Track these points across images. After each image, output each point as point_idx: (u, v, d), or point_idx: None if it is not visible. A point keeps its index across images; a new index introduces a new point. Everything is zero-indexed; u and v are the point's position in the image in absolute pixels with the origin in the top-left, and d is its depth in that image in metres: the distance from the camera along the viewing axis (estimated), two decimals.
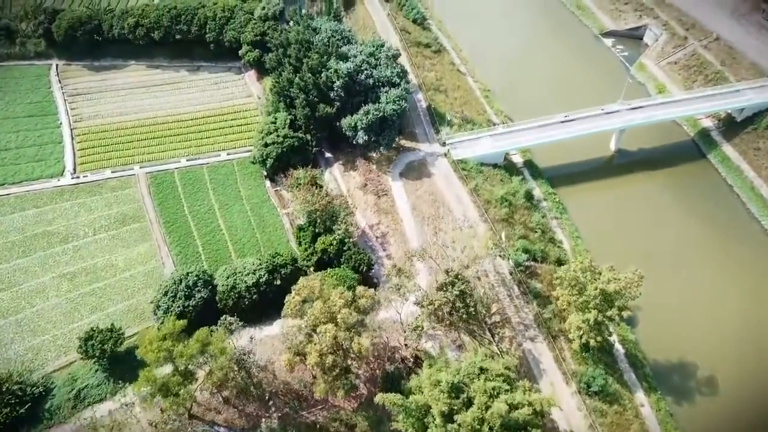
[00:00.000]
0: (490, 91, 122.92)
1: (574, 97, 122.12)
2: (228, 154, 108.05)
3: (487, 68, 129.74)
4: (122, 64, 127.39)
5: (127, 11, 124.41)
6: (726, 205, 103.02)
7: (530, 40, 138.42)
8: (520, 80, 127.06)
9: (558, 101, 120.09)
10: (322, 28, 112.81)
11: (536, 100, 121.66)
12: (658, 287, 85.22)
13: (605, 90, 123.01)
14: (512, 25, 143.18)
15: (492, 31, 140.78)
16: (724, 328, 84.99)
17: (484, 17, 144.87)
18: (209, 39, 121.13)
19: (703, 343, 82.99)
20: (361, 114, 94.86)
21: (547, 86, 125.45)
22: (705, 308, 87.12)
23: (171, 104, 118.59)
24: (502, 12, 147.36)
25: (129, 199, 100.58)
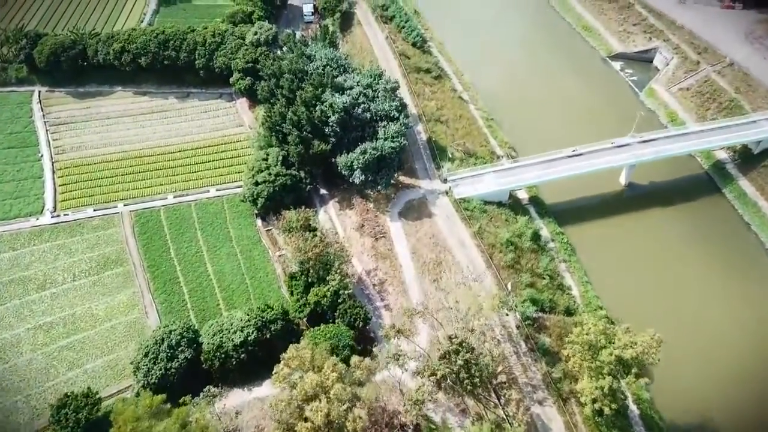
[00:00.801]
0: (493, 119, 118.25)
1: (581, 124, 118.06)
2: (217, 190, 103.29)
3: (489, 94, 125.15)
4: (108, 91, 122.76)
5: (113, 36, 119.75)
6: (743, 246, 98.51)
7: (535, 64, 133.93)
8: (524, 107, 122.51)
9: (564, 129, 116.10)
10: (316, 55, 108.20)
11: (542, 128, 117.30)
12: (673, 336, 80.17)
13: (614, 118, 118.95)
14: (516, 48, 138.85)
15: (495, 53, 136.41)
16: (746, 381, 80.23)
17: (486, 39, 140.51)
18: (199, 65, 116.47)
19: (724, 399, 78.23)
20: (358, 153, 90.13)
21: (554, 113, 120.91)
22: (725, 360, 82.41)
23: (158, 135, 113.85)
24: (506, 33, 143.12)
25: (112, 240, 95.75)
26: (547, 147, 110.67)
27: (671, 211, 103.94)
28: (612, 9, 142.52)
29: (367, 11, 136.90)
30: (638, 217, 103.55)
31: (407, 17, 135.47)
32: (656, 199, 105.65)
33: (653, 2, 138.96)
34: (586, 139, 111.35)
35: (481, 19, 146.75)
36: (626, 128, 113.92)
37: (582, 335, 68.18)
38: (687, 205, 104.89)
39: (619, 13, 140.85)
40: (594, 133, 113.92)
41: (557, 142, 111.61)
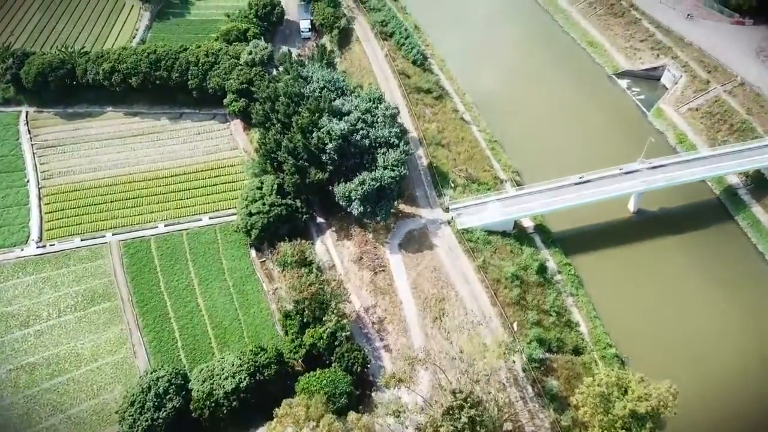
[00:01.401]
0: (496, 141, 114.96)
1: (587, 146, 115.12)
2: (210, 218, 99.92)
3: (492, 114, 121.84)
4: (98, 111, 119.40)
5: (103, 55, 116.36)
6: (757, 277, 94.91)
7: (539, 82, 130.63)
8: (528, 127, 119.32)
9: (570, 151, 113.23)
10: (313, 76, 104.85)
11: (546, 150, 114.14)
12: (686, 375, 77.43)
13: (621, 138, 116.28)
14: (520, 65, 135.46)
15: (497, 71, 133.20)
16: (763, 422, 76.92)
17: (488, 55, 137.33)
18: (192, 86, 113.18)
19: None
20: (356, 184, 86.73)
21: (559, 134, 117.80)
22: (743, 402, 79.02)
23: (149, 158, 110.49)
24: (508, 50, 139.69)
25: (99, 272, 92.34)
26: (552, 170, 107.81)
27: (682, 240, 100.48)
28: (618, 24, 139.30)
29: (366, 27, 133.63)
30: (648, 245, 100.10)
31: (407, 33, 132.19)
32: (666, 227, 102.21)
33: (661, 17, 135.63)
34: (593, 161, 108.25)
35: (483, 34, 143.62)
36: (634, 150, 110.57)
37: (594, 386, 64.70)
38: (698, 233, 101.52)
39: (625, 29, 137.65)
40: (601, 155, 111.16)
41: (562, 164, 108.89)
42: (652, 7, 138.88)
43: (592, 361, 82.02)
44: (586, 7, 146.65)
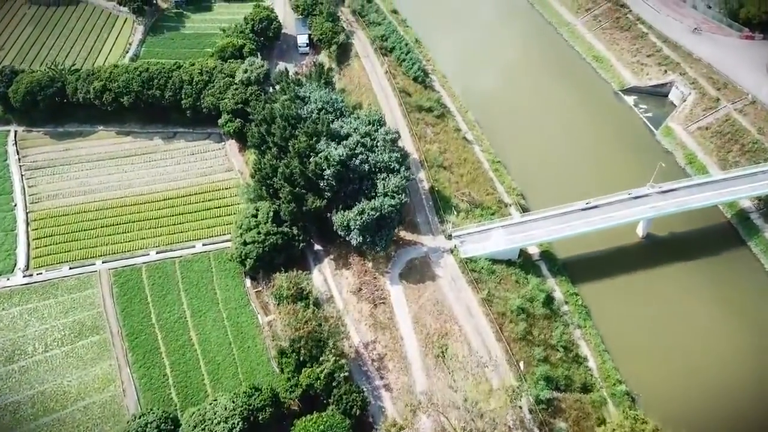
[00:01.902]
0: (500, 162, 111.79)
1: (594, 166, 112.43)
2: (204, 245, 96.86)
3: (495, 133, 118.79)
4: (89, 130, 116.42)
5: (94, 72, 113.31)
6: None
7: (543, 98, 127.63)
8: (533, 146, 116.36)
9: (576, 171, 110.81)
10: (311, 97, 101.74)
11: (552, 170, 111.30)
12: (701, 412, 74.63)
13: (629, 159, 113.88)
14: (523, 80, 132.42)
15: (500, 87, 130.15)
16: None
17: (491, 70, 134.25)
18: (185, 105, 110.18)
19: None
20: (355, 213, 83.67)
21: (564, 154, 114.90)
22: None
23: (142, 180, 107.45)
24: (511, 65, 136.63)
25: (88, 303, 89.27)
26: (557, 192, 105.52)
27: (693, 266, 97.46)
28: (624, 39, 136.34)
29: (365, 42, 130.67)
30: (657, 272, 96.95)
31: (408, 49, 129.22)
32: (676, 252, 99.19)
33: (668, 32, 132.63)
34: (600, 182, 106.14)
35: (485, 48, 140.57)
36: (642, 170, 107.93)
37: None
38: (709, 258, 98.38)
39: (631, 43, 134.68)
40: (608, 176, 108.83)
41: (568, 185, 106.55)
42: (659, 21, 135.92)
43: (602, 400, 78.93)
44: (591, 20, 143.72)
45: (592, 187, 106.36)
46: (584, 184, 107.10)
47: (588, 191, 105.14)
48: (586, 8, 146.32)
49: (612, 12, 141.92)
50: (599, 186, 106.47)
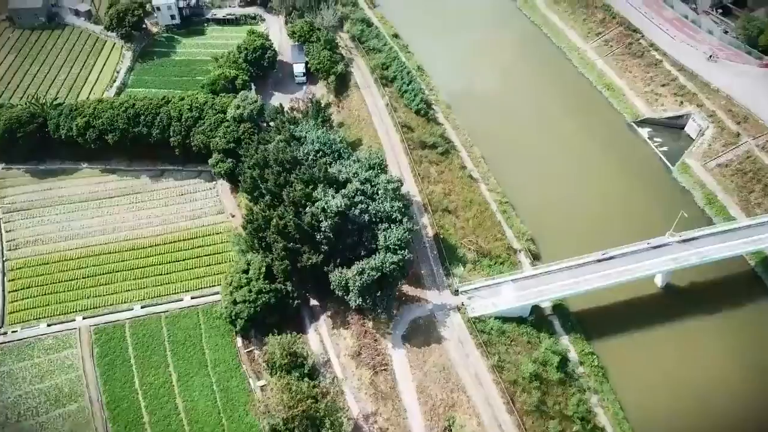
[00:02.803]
0: (508, 203, 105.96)
1: (607, 206, 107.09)
2: (192, 298, 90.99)
3: (502, 170, 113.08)
4: (72, 168, 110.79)
5: (77, 108, 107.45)
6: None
7: (553, 130, 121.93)
8: (542, 185, 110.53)
9: (588, 212, 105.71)
10: (307, 137, 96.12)
11: (562, 211, 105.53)
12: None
13: (644, 198, 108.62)
14: (531, 110, 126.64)
15: (507, 118, 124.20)
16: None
17: (497, 100, 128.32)
18: (174, 143, 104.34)
19: None
20: (355, 273, 77.85)
21: (576, 192, 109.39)
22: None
23: (127, 224, 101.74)
24: (519, 93, 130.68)
25: (66, 365, 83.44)
26: (569, 234, 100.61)
27: (716, 320, 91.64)
28: (637, 66, 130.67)
29: (365, 71, 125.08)
30: (678, 326, 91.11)
31: (410, 78, 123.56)
32: (698, 304, 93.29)
33: (683, 59, 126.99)
34: (614, 224, 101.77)
35: (491, 76, 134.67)
36: (658, 211, 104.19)
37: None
38: (733, 312, 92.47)
39: (645, 71, 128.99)
40: (623, 218, 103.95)
41: (580, 227, 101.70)
42: (673, 47, 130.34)
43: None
44: (602, 45, 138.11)
45: (605, 229, 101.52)
46: (597, 226, 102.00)
47: (601, 233, 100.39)
48: (597, 32, 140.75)
49: (623, 37, 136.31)
50: (613, 228, 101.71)
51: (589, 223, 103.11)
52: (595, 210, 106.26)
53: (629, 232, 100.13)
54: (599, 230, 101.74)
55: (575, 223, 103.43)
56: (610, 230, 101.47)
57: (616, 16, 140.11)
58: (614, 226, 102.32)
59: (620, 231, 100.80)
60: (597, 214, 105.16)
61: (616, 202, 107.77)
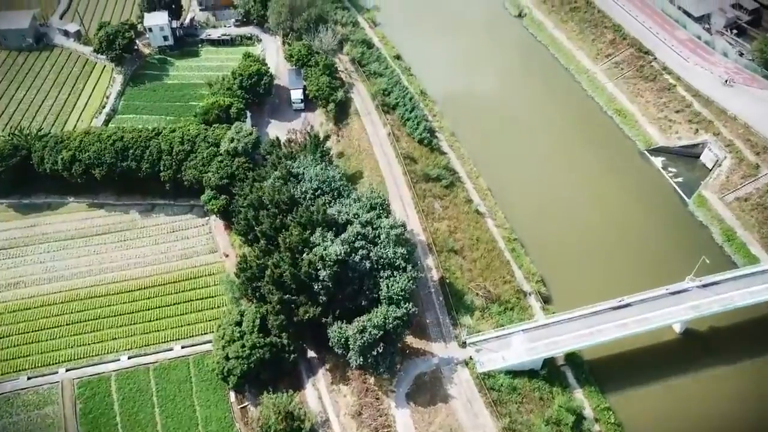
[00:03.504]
0: (516, 240, 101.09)
1: (620, 243, 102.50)
2: (183, 347, 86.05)
3: (509, 202, 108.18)
4: (58, 202, 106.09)
5: (63, 140, 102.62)
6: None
7: (562, 159, 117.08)
8: (552, 218, 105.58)
9: (600, 249, 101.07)
10: (305, 174, 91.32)
11: (574, 248, 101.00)
12: None
13: (659, 233, 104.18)
14: (538, 139, 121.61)
15: (513, 147, 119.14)
16: None
17: (503, 127, 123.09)
18: (164, 178, 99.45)
19: None
20: (355, 331, 72.85)
21: (587, 227, 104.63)
22: None
23: (115, 264, 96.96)
24: (525, 121, 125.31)
25: (47, 425, 78.97)
26: (580, 273, 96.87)
27: (738, 369, 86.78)
28: (649, 90, 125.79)
29: (366, 97, 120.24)
30: (698, 376, 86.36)
31: (413, 105, 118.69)
32: (719, 352, 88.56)
33: (698, 83, 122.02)
34: (626, 262, 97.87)
35: (496, 101, 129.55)
36: (675, 248, 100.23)
37: None
38: (759, 360, 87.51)
39: (657, 96, 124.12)
40: (636, 255, 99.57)
41: (592, 266, 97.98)
42: (687, 70, 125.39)
43: None
44: (612, 67, 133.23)
45: (618, 267, 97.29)
46: (610, 264, 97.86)
47: (614, 272, 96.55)
48: (606, 54, 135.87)
49: (635, 59, 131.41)
50: (627, 266, 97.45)
51: (601, 261, 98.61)
52: (608, 247, 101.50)
53: (644, 270, 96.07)
54: (612, 268, 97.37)
55: (587, 261, 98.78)
56: (624, 269, 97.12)
57: (626, 37, 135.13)
58: (628, 265, 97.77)
59: (634, 270, 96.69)
60: (609, 251, 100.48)
61: (630, 238, 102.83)
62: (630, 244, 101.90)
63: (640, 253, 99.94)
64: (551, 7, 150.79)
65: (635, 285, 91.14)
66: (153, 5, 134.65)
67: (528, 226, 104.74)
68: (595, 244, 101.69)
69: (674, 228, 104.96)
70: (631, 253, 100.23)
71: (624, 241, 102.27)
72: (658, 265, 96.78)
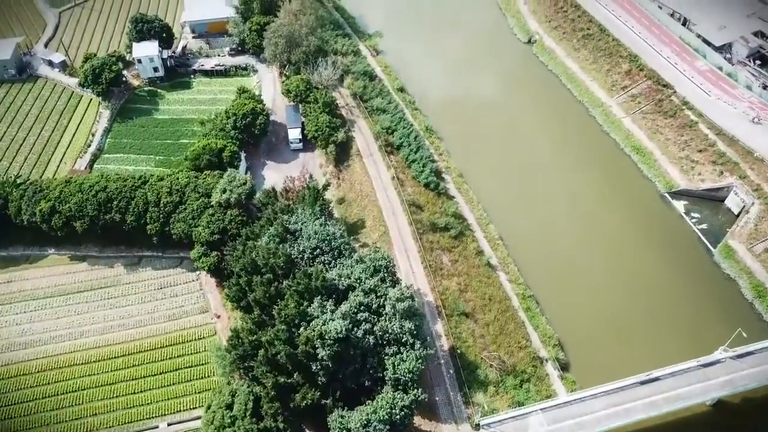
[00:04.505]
0: (531, 297, 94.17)
1: (641, 299, 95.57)
2: (169, 425, 79.36)
3: (522, 251, 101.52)
4: (38, 255, 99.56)
5: (41, 189, 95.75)
6: None
7: (577, 202, 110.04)
8: (567, 270, 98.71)
9: (620, 304, 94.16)
10: (303, 232, 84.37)
11: (591, 305, 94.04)
12: None
13: (684, 288, 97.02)
14: (550, 178, 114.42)
15: (524, 185, 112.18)
16: None
17: (513, 166, 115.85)
18: (151, 231, 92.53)
19: None
20: (357, 424, 65.90)
21: (604, 280, 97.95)
22: None
23: (97, 326, 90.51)
24: (536, 160, 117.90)
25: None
26: (600, 335, 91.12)
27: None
28: (669, 127, 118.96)
29: (368, 135, 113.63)
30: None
31: (417, 144, 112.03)
32: (753, 426, 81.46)
33: (721, 120, 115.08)
34: (649, 321, 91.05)
35: (506, 137, 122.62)
36: (701, 306, 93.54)
37: None
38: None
39: (678, 133, 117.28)
40: (658, 313, 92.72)
41: (611, 325, 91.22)
42: (709, 105, 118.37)
43: None
44: (629, 100, 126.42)
45: (640, 327, 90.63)
46: (631, 324, 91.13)
47: (636, 333, 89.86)
48: (622, 86, 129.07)
49: (653, 92, 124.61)
50: (649, 325, 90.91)
51: (621, 319, 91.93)
52: (629, 303, 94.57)
53: (667, 329, 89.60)
54: (634, 328, 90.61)
55: (606, 319, 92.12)
56: (647, 328, 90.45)
57: (643, 68, 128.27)
58: (651, 324, 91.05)
59: (658, 329, 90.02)
60: (631, 309, 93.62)
61: (653, 294, 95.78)
62: (653, 299, 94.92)
63: (663, 311, 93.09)
64: (562, 33, 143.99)
65: (659, 346, 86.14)
66: (142, 35, 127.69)
67: (542, 279, 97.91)
68: (615, 300, 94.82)
69: (699, 281, 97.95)
70: (654, 310, 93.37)
71: (646, 297, 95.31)
72: (682, 322, 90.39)
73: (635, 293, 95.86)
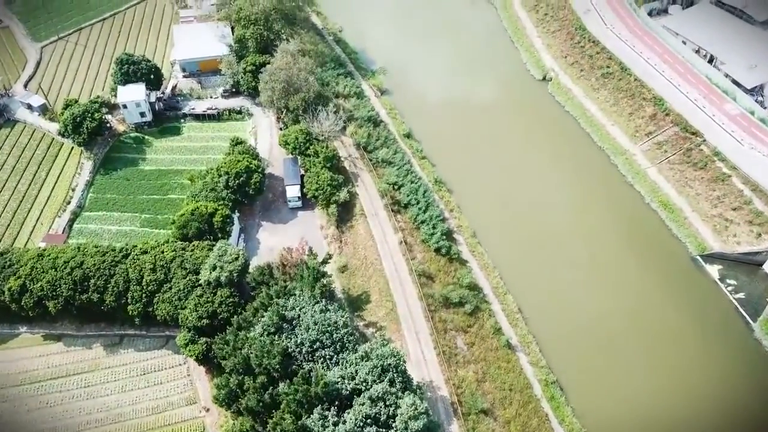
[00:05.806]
0: (555, 382, 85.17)
1: (674, 380, 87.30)
2: None
3: (543, 327, 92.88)
4: (8, 334, 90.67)
5: (11, 264, 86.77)
6: None
7: (598, 265, 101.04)
8: (591, 351, 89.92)
9: (650, 392, 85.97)
10: (302, 320, 75.49)
11: (619, 392, 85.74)
12: None
13: (723, 371, 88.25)
14: (570, 237, 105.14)
15: (542, 246, 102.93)
16: None
17: (530, 223, 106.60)
18: (133, 312, 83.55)
19: None
20: None
21: (633, 360, 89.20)
22: None
23: (71, 422, 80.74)
24: (555, 212, 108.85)
25: None
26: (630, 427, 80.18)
27: None
28: (699, 180, 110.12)
29: (373, 192, 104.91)
30: None
31: (427, 201, 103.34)
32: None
33: (756, 173, 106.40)
34: (683, 407, 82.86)
35: (520, 187, 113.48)
36: (742, 391, 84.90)
37: None
38: None
39: (710, 188, 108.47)
40: (693, 397, 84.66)
41: (644, 415, 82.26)
42: (742, 155, 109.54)
43: None
44: (654, 148, 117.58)
45: (676, 416, 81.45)
46: (664, 412, 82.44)
47: (676, 421, 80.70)
48: (647, 132, 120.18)
49: (680, 140, 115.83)
50: (685, 414, 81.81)
51: (653, 408, 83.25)
52: (659, 386, 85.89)
53: (706, 419, 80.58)
54: (673, 418, 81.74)
55: (638, 407, 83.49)
56: (686, 417, 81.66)
57: (669, 112, 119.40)
58: (690, 412, 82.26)
59: (696, 418, 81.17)
60: (661, 392, 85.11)
61: (686, 376, 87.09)
62: (692, 384, 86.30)
63: (703, 398, 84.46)
64: (580, 71, 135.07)
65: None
66: (128, 77, 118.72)
67: (565, 358, 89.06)
68: (644, 382, 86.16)
69: (740, 362, 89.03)
70: (693, 397, 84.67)
71: (677, 378, 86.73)
72: (722, 411, 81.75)
73: (666, 375, 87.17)
